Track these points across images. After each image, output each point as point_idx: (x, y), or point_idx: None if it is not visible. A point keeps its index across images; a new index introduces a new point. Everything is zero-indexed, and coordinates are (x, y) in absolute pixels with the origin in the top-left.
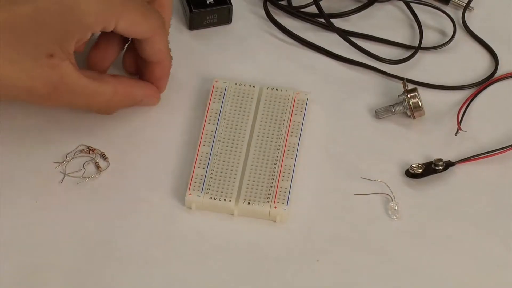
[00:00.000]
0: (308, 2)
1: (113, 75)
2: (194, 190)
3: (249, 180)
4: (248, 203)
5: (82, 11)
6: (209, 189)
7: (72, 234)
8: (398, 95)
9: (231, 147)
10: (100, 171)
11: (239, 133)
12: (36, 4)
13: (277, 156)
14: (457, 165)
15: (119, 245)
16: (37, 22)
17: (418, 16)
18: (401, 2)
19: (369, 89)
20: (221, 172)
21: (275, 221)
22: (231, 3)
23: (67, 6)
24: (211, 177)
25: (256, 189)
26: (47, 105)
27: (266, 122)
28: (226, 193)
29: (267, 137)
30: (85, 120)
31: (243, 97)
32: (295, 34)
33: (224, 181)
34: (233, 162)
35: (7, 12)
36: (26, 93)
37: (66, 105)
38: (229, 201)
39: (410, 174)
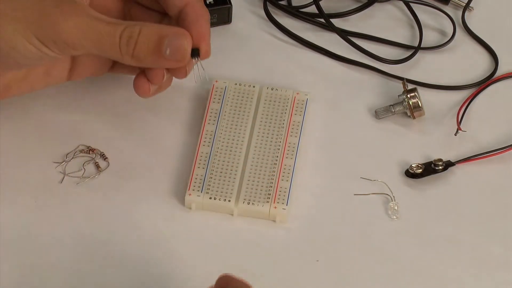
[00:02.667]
0: (308, 2)
1: None
2: (194, 190)
3: (249, 180)
4: (248, 203)
5: None
6: (209, 189)
7: (72, 234)
8: (398, 95)
9: (231, 147)
10: (100, 171)
11: (239, 133)
12: None
13: (277, 156)
14: (457, 165)
15: (119, 245)
16: None
17: (418, 16)
18: (401, 2)
19: (369, 89)
20: (221, 172)
21: (275, 221)
22: (231, 3)
23: None
24: (211, 177)
25: (256, 189)
26: (63, 28)
27: (266, 122)
28: (226, 193)
29: (267, 137)
30: (85, 120)
31: (243, 97)
32: (295, 34)
33: (224, 181)
34: (232, 162)
35: None
36: (36, 10)
37: (85, 29)
38: (229, 201)
39: (410, 174)
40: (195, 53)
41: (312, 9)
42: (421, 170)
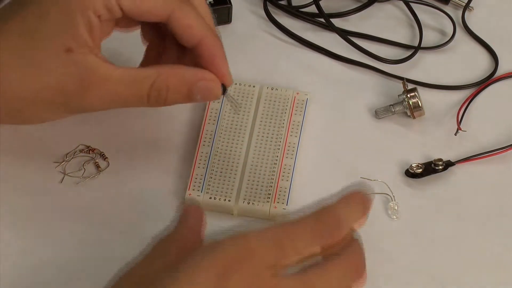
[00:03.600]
0: (308, 2)
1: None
2: (194, 190)
3: (249, 180)
4: (248, 203)
5: None
6: (209, 188)
7: (72, 234)
8: (398, 95)
9: (231, 147)
10: (100, 170)
11: (239, 133)
12: (39, 1)
13: (277, 156)
14: (457, 165)
15: (119, 245)
16: (42, 16)
17: (418, 16)
18: (401, 2)
19: (369, 89)
20: (221, 172)
21: (275, 221)
22: (231, 3)
23: None
24: (211, 177)
25: (256, 189)
26: (90, 104)
27: (266, 122)
28: (226, 192)
29: (267, 137)
30: (85, 120)
31: (243, 97)
32: (295, 34)
33: (224, 180)
34: (232, 162)
35: (16, 18)
36: (60, 94)
37: (110, 98)
38: (229, 200)
39: (410, 174)
40: (223, 90)
41: (312, 9)
42: (421, 170)
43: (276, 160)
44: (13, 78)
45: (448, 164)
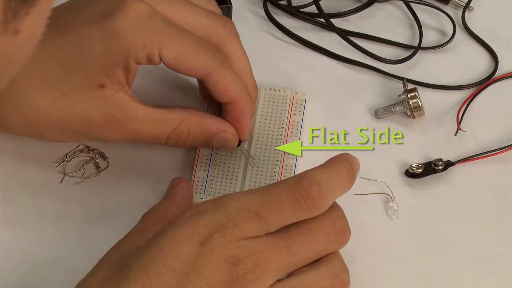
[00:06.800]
0: (308, 2)
1: (183, 107)
2: (196, 192)
3: (250, 181)
4: None
5: (122, 35)
6: (211, 191)
7: (72, 234)
8: (398, 95)
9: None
10: (100, 171)
11: None
12: (78, 31)
13: (278, 157)
14: (457, 165)
15: None
16: (82, 50)
17: (418, 16)
18: (401, 2)
19: (369, 89)
20: (222, 174)
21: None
22: (231, 3)
23: (108, 30)
24: (213, 179)
25: None
26: (111, 138)
27: (265, 122)
28: None
29: (267, 138)
30: None
31: None
32: (295, 34)
33: (226, 182)
34: (233, 164)
35: (52, 44)
36: (84, 125)
37: (131, 135)
38: None
39: (410, 174)
40: (238, 143)
41: (312, 9)
42: (421, 170)
43: (277, 160)
44: (42, 105)
45: (448, 164)
